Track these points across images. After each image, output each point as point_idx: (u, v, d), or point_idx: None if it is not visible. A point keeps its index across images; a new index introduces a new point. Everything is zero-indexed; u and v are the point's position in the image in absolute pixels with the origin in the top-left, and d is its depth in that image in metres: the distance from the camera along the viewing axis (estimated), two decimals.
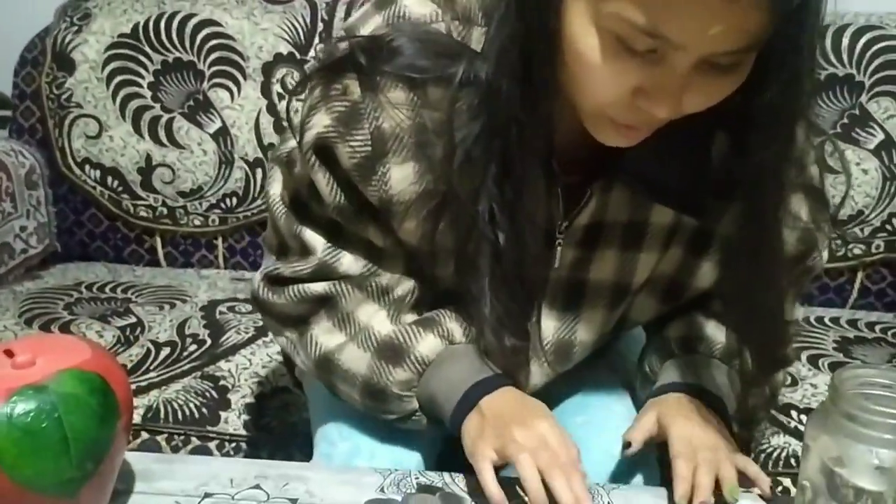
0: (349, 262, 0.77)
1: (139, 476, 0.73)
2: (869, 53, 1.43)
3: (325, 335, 0.79)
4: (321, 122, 0.71)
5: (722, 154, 0.69)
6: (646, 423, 0.76)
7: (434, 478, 0.74)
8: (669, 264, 0.80)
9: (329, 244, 0.77)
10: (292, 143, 0.77)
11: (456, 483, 0.73)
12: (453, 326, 0.79)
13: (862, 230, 1.45)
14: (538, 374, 0.82)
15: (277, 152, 0.81)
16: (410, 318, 0.80)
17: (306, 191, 0.76)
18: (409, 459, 0.82)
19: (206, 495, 0.71)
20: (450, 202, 0.71)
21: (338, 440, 0.84)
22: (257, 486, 0.72)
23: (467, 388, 0.74)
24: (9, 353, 0.62)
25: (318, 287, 0.77)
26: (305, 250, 0.77)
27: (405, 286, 0.80)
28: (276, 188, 0.80)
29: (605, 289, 0.80)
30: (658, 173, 0.71)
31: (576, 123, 0.67)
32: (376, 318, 0.78)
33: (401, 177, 0.71)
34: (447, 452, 0.88)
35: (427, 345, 0.77)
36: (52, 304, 1.40)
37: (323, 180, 0.73)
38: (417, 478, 0.74)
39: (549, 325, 0.80)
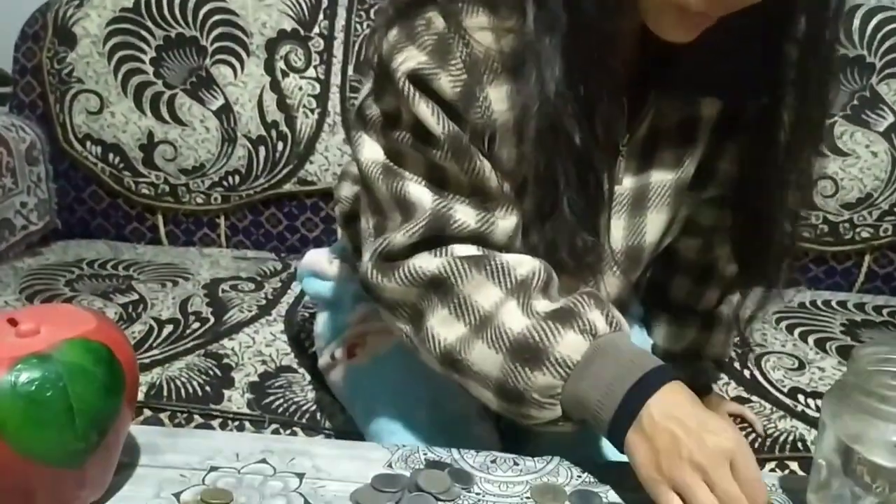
0: (464, 211, 0.72)
1: (144, 449, 0.72)
2: (880, 35, 1.42)
3: (442, 326, 0.71)
4: (414, 59, 0.68)
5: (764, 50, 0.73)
6: None
7: (443, 454, 0.73)
8: (722, 155, 0.84)
9: (437, 195, 0.72)
10: (374, 105, 0.74)
11: (465, 460, 0.72)
12: (595, 317, 0.69)
13: (870, 213, 1.43)
14: (613, 283, 0.83)
15: (361, 115, 0.76)
16: (543, 306, 0.70)
17: (410, 136, 0.71)
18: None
19: (212, 469, 0.70)
20: (537, 121, 0.69)
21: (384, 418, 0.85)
22: (263, 461, 0.71)
23: (624, 392, 0.64)
24: (12, 322, 0.61)
25: (431, 265, 0.71)
26: (412, 208, 0.71)
27: (527, 266, 0.72)
28: (367, 153, 0.74)
29: (667, 188, 0.82)
30: (707, 72, 0.74)
31: (634, 32, 0.72)
32: (505, 310, 0.70)
33: (498, 98, 0.70)
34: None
35: (569, 344, 0.67)
36: (54, 280, 1.39)
37: (427, 111, 0.69)
38: (426, 454, 0.73)
39: (618, 234, 0.81)
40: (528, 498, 0.67)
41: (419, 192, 0.72)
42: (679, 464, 0.61)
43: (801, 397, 1.12)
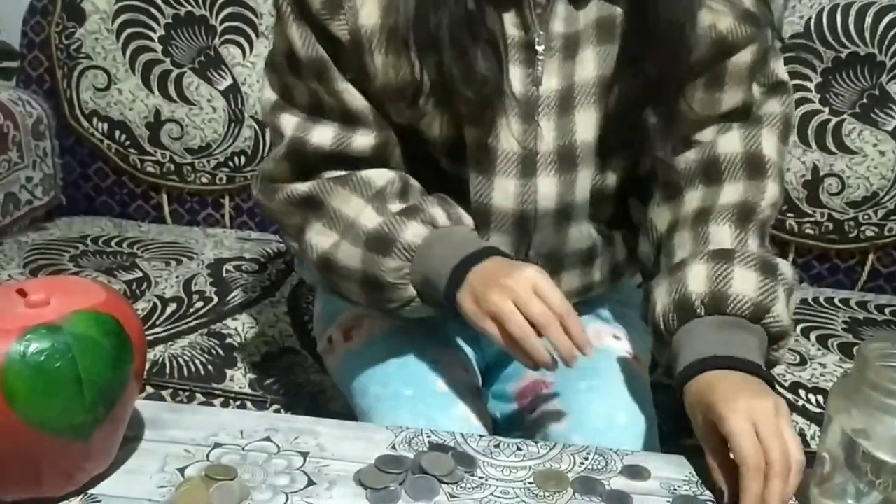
0: (319, 133, 0.82)
1: (149, 424, 0.72)
2: (892, 33, 1.41)
3: (318, 237, 0.83)
4: None
5: None
6: (710, 450, 0.69)
7: (446, 437, 0.73)
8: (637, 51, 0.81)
9: (302, 123, 0.82)
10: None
11: (468, 443, 0.72)
12: (435, 212, 0.81)
13: (876, 212, 1.43)
14: (550, 183, 0.83)
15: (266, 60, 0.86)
16: (395, 207, 0.81)
17: (285, 63, 0.81)
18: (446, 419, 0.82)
19: (216, 445, 0.70)
20: (417, 29, 0.76)
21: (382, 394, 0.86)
22: (267, 439, 0.72)
23: (456, 263, 0.77)
24: (22, 293, 0.61)
25: (304, 187, 0.82)
26: (280, 136, 0.83)
27: (385, 177, 0.83)
28: (263, 93, 0.85)
29: (592, 86, 0.81)
30: None
31: None
32: (363, 214, 0.81)
33: (369, 7, 0.76)
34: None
35: (412, 231, 0.80)
36: (58, 255, 1.39)
37: (297, 33, 0.78)
38: (429, 436, 0.73)
39: (549, 135, 0.82)
40: (531, 483, 0.67)
41: (286, 120, 0.83)
42: (490, 289, 0.73)
43: (801, 392, 1.12)
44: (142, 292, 1.28)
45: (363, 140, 0.82)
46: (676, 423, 1.10)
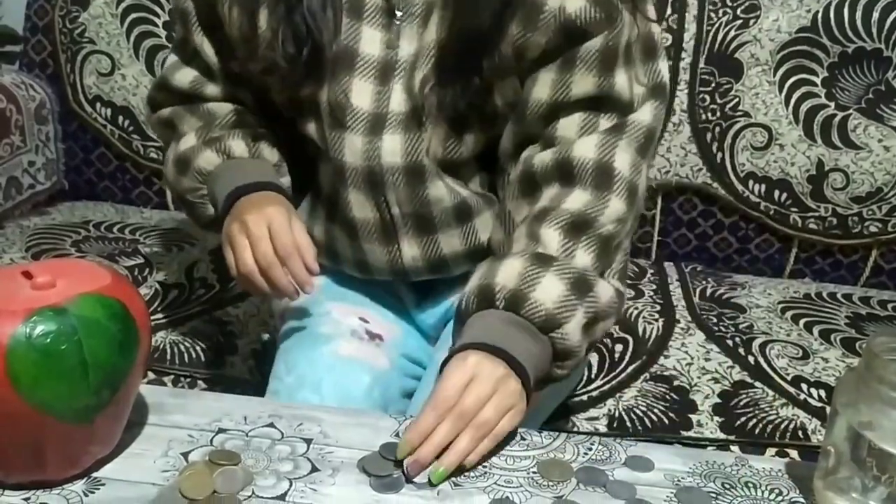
0: (182, 75, 0.95)
1: (152, 409, 0.72)
2: None
3: (170, 151, 0.96)
4: None
5: None
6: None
7: None
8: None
9: (175, 63, 0.96)
10: None
11: None
12: (234, 144, 0.92)
13: (880, 208, 1.43)
14: (355, 142, 0.86)
15: None
16: (214, 134, 0.92)
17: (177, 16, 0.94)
18: (355, 387, 0.86)
19: (220, 430, 0.70)
20: None
21: (284, 375, 0.89)
22: (271, 425, 0.71)
23: (229, 190, 0.87)
24: (27, 275, 0.61)
25: (166, 111, 0.96)
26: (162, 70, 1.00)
27: (225, 108, 0.94)
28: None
29: (432, 47, 0.83)
30: None
31: None
32: (187, 137, 0.94)
33: None
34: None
35: (205, 158, 0.91)
36: (60, 240, 1.39)
37: None
38: None
39: (399, 96, 0.85)
40: (534, 473, 0.67)
41: (168, 61, 0.97)
42: (231, 222, 0.84)
43: (803, 386, 1.12)
44: (144, 278, 1.27)
45: (214, 89, 0.94)
46: (678, 416, 1.10)
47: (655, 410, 1.09)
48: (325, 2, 0.83)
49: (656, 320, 1.24)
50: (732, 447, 1.07)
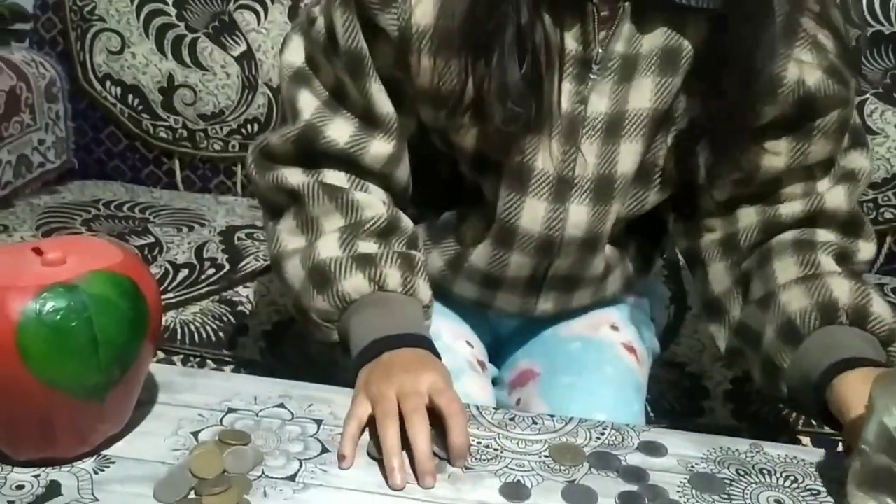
0: (337, 128, 0.77)
1: (162, 387, 0.71)
2: None
3: (287, 234, 0.79)
4: None
5: None
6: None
7: None
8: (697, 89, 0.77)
9: (322, 109, 0.78)
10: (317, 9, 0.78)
11: (483, 416, 0.72)
12: (390, 273, 0.76)
13: (895, 194, 1.41)
14: (581, 212, 0.80)
15: (301, 19, 0.81)
16: (364, 247, 0.77)
17: (323, 40, 0.76)
18: None
19: (230, 410, 0.70)
20: (470, 34, 0.71)
21: None
22: (281, 405, 0.71)
23: (376, 337, 0.72)
24: (38, 251, 0.60)
25: (295, 180, 0.78)
26: (296, 115, 0.78)
27: (375, 209, 0.78)
28: (287, 55, 0.80)
29: (644, 117, 0.76)
30: None
31: None
32: (325, 239, 0.77)
33: (424, 5, 0.72)
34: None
35: (353, 283, 0.75)
36: (70, 219, 1.39)
37: (340, 19, 0.74)
38: None
39: (590, 160, 0.78)
40: (546, 457, 0.67)
41: (307, 101, 0.78)
42: (384, 378, 0.67)
43: None
44: (154, 258, 1.27)
45: (379, 147, 0.78)
46: (690, 403, 1.10)
47: (668, 397, 1.09)
48: (538, 54, 0.71)
49: (668, 307, 1.23)
50: (744, 434, 1.07)
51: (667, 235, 0.95)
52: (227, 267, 1.27)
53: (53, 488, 0.59)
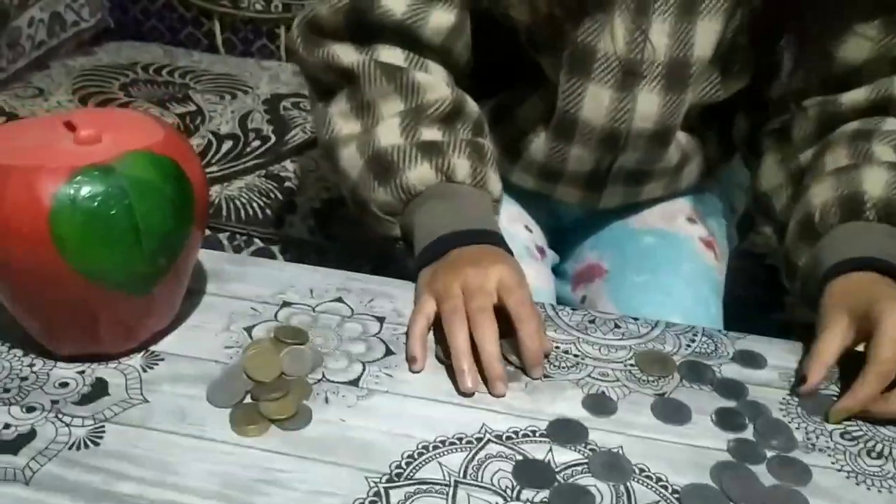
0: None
1: (211, 276, 0.66)
2: None
3: (340, 117, 0.71)
4: None
5: None
6: (831, 341, 0.58)
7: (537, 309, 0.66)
8: None
9: None
10: None
11: (560, 317, 0.65)
12: (459, 163, 0.68)
13: None
14: (651, 101, 0.71)
15: None
16: (425, 134, 0.69)
17: None
18: None
19: (285, 304, 0.64)
20: None
21: None
22: (339, 300, 0.65)
23: (443, 233, 0.65)
24: (70, 126, 0.53)
25: (347, 59, 0.69)
26: None
27: (439, 92, 0.70)
28: None
29: None
30: None
31: None
32: (385, 125, 0.69)
33: None
34: None
35: (418, 173, 0.68)
36: (107, 82, 1.31)
37: None
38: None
39: (661, 41, 0.68)
40: (631, 365, 0.60)
41: None
42: (449, 273, 0.61)
43: None
44: (196, 127, 1.20)
45: (440, 17, 0.69)
46: (767, 296, 1.02)
47: (742, 290, 1.01)
48: None
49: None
50: None
51: None
52: (273, 139, 1.19)
53: (100, 386, 0.55)
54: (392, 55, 0.70)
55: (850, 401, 0.55)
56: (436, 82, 0.70)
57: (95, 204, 0.49)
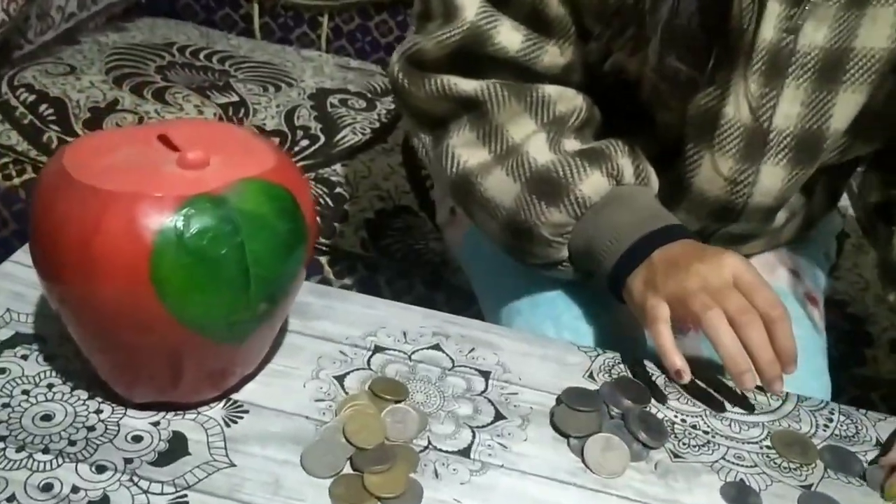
0: (508, 31, 0.61)
1: (294, 311, 0.58)
2: None
3: (465, 148, 0.65)
4: None
5: None
6: None
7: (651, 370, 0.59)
8: None
9: (487, 7, 0.61)
10: None
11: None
12: (624, 163, 0.64)
13: None
14: (774, 175, 0.64)
15: None
16: (573, 145, 0.64)
17: None
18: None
19: (377, 349, 0.57)
20: None
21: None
22: (437, 347, 0.58)
23: (638, 238, 0.60)
24: (166, 142, 0.45)
25: (468, 86, 0.63)
26: (454, 14, 0.61)
27: (571, 103, 0.65)
28: None
29: (875, 60, 0.59)
30: None
31: None
32: (534, 141, 0.64)
33: None
34: None
35: (592, 183, 0.63)
36: (143, 63, 1.23)
37: None
38: (634, 366, 0.59)
39: (793, 110, 0.61)
40: (768, 448, 0.54)
41: (468, 7, 0.61)
42: (675, 272, 0.57)
43: None
44: (239, 120, 1.12)
45: (554, 54, 0.63)
46: (849, 349, 0.96)
47: None
48: None
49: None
50: None
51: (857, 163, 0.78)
52: (323, 139, 1.11)
53: (178, 443, 0.47)
54: (511, 79, 0.64)
55: None
56: (564, 92, 0.65)
57: (205, 242, 0.41)
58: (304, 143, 1.10)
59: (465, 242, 0.83)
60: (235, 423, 0.49)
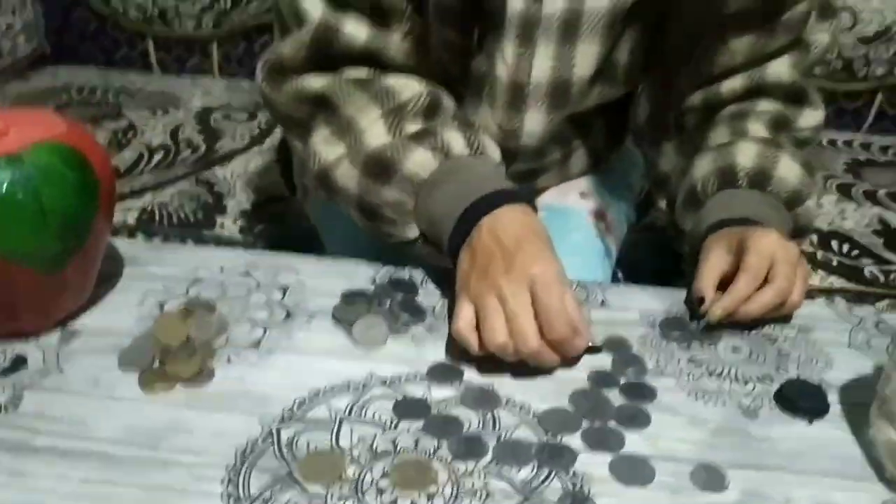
0: (354, 24, 0.68)
1: (128, 262, 0.71)
2: None
3: (324, 145, 0.71)
4: None
5: None
6: (713, 264, 0.67)
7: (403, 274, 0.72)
8: None
9: (331, 6, 0.68)
10: None
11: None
12: (451, 136, 0.69)
13: (887, 48, 1.37)
14: (537, 120, 0.77)
15: None
16: (411, 127, 0.70)
17: None
18: None
19: (196, 280, 0.70)
20: None
21: None
22: (247, 274, 0.71)
23: (462, 210, 0.65)
24: None
25: (317, 84, 0.70)
26: (302, 20, 0.69)
27: (412, 89, 0.71)
28: None
29: (601, 17, 0.71)
30: None
31: None
32: (372, 129, 0.69)
33: None
34: None
35: (417, 160, 0.68)
36: (41, 106, 1.36)
37: None
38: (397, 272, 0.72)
39: (545, 64, 0.73)
40: None
41: (312, 3, 0.69)
42: (483, 282, 0.60)
43: None
44: (128, 140, 1.25)
45: (398, 40, 0.71)
46: (670, 267, 1.10)
47: (647, 262, 1.09)
48: None
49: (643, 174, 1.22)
50: None
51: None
52: (203, 147, 1.25)
53: (19, 361, 0.60)
54: (360, 73, 0.71)
55: (727, 300, 0.65)
56: (407, 81, 0.71)
57: (3, 190, 0.55)
58: (187, 152, 1.23)
59: (321, 215, 0.97)
60: (68, 343, 0.62)
